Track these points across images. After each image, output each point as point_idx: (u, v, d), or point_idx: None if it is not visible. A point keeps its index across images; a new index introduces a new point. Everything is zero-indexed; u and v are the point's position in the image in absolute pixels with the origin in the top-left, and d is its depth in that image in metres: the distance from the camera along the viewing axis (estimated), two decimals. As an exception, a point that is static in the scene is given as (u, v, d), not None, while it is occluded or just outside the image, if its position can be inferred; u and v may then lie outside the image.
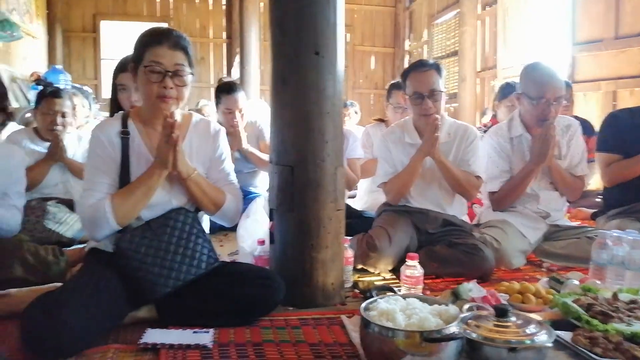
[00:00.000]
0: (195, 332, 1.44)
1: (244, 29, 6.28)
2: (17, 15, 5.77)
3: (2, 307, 1.58)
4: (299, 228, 1.74)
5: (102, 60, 7.43)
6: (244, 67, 6.23)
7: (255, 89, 6.16)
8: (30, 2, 6.41)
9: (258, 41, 6.47)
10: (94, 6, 7.40)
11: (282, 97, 1.76)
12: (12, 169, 1.98)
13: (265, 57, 7.21)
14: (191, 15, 7.71)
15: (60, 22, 7.12)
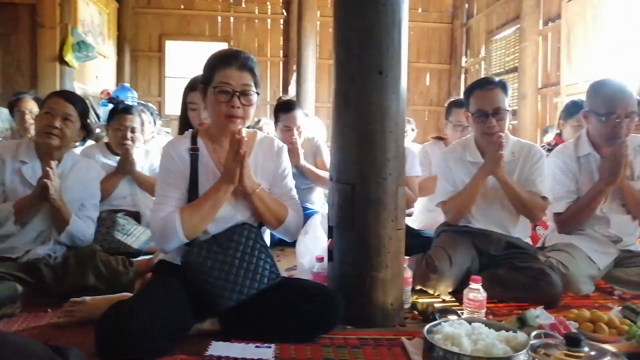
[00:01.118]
0: (258, 346, 1.46)
1: (302, 47, 6.41)
2: (91, 37, 6.19)
3: (78, 314, 1.68)
4: (358, 246, 1.74)
5: (166, 79, 7.79)
6: (301, 84, 6.35)
7: (311, 106, 6.25)
8: (103, 24, 6.85)
9: (314, 59, 6.58)
10: (160, 27, 7.80)
11: (344, 116, 1.78)
12: (89, 182, 2.11)
13: (320, 75, 7.36)
14: (250, 35, 7.96)
15: (129, 43, 7.55)
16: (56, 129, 1.93)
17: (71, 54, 5.43)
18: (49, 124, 1.93)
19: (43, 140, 1.95)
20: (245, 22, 7.98)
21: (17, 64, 5.51)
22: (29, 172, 1.95)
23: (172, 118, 7.64)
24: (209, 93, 1.66)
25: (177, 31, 7.83)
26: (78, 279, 1.90)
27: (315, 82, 6.88)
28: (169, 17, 7.82)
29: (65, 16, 5.50)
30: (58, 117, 1.94)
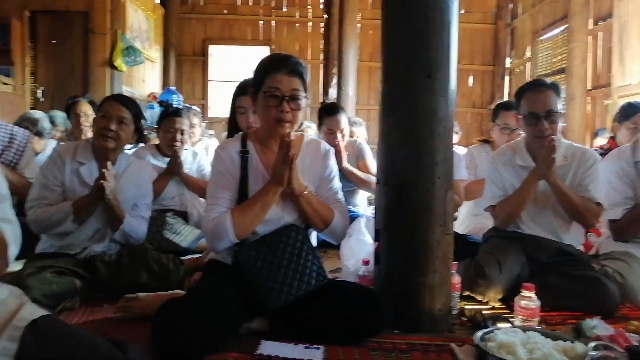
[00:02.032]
0: (307, 347, 1.48)
1: (343, 50, 6.43)
2: (139, 42, 6.40)
3: (133, 309, 1.74)
4: (406, 250, 1.73)
5: (209, 82, 7.97)
6: (341, 87, 6.37)
7: (351, 109, 6.25)
8: (150, 30, 7.07)
9: (355, 62, 6.58)
10: (204, 32, 7.99)
11: (391, 119, 1.78)
12: (142, 183, 2.18)
13: (360, 78, 7.35)
14: (291, 38, 8.03)
15: (174, 47, 7.77)
16: (112, 132, 2.01)
17: (120, 59, 5.64)
18: (105, 127, 2.01)
19: (99, 142, 2.03)
20: (286, 25, 8.06)
21: (70, 69, 5.77)
22: (86, 173, 2.04)
23: (215, 120, 7.80)
24: (259, 97, 1.69)
25: (220, 35, 7.99)
26: (131, 276, 1.97)
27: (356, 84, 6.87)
28: (212, 22, 7.99)
29: (115, 22, 5.72)
30: (113, 120, 2.02)
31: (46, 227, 1.95)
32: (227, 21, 7.99)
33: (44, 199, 1.97)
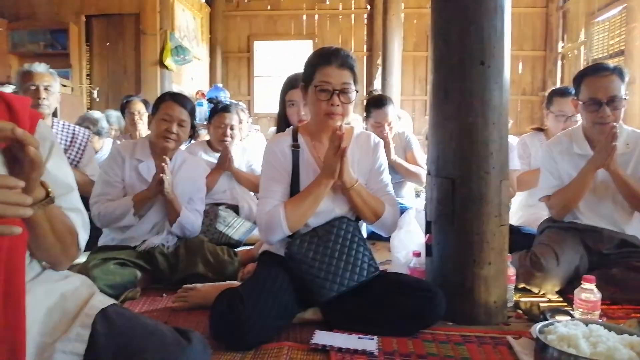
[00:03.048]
0: (361, 337, 1.49)
1: (387, 41, 6.35)
2: (187, 41, 6.57)
3: (191, 299, 1.80)
4: (459, 242, 1.70)
5: (254, 78, 8.08)
6: (386, 78, 6.30)
7: (396, 100, 6.18)
8: (197, 28, 7.24)
9: (399, 52, 6.49)
10: (249, 29, 8.10)
11: (443, 108, 1.75)
12: (196, 178, 2.25)
13: (405, 68, 7.24)
14: (334, 31, 8.01)
15: (220, 45, 7.92)
16: (173, 134, 2.09)
17: (170, 58, 5.81)
18: (167, 129, 2.09)
19: (161, 143, 2.11)
20: (329, 18, 8.04)
21: (123, 69, 6.00)
22: (144, 170, 2.13)
23: (261, 116, 7.92)
24: (309, 91, 1.70)
25: (265, 31, 8.07)
26: (188, 267, 2.04)
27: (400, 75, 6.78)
28: (256, 19, 8.09)
29: (164, 23, 5.89)
30: (175, 122, 2.10)
31: (109, 221, 2.06)
32: (270, 17, 8.07)
33: (107, 195, 2.07)
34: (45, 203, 0.96)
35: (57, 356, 1.02)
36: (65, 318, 1.08)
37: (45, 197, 0.96)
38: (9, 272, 0.96)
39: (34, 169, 0.87)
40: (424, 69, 7.82)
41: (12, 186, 0.80)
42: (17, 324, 0.97)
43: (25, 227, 0.96)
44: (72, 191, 1.16)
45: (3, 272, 0.95)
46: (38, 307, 1.06)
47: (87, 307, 1.10)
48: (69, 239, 1.11)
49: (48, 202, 0.97)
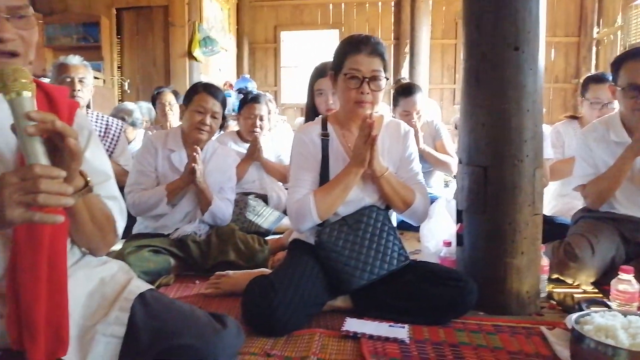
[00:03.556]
0: (391, 326, 1.49)
1: (415, 28, 6.27)
2: (214, 32, 6.62)
3: (223, 286, 1.84)
4: (491, 232, 1.68)
5: (281, 68, 8.10)
6: (414, 67, 6.22)
7: (424, 89, 6.10)
8: (224, 19, 7.29)
9: (428, 40, 6.39)
10: (275, 19, 8.11)
11: (475, 95, 1.72)
12: (227, 167, 2.29)
13: (433, 56, 7.13)
14: (361, 20, 7.95)
15: (247, 36, 7.96)
16: (207, 126, 2.12)
17: (198, 49, 5.87)
18: (201, 121, 2.12)
19: (195, 135, 2.15)
20: (356, 7, 7.98)
21: (153, 61, 6.10)
22: (176, 159, 2.17)
23: (288, 106, 7.95)
24: (339, 79, 1.69)
25: (291, 21, 8.07)
26: (220, 254, 2.08)
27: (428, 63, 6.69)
28: (283, 9, 8.09)
29: (193, 14, 5.95)
30: (208, 114, 2.13)
31: (143, 210, 2.11)
32: (297, 6, 8.05)
33: (140, 184, 2.12)
34: (84, 192, 0.98)
35: (98, 338, 1.05)
36: (105, 302, 1.11)
37: (84, 186, 0.99)
38: (52, 257, 1.00)
39: (73, 160, 0.89)
40: (453, 56, 7.70)
41: (54, 176, 0.83)
42: (61, 306, 1.01)
43: (66, 214, 0.99)
44: (109, 179, 1.19)
45: (46, 258, 0.98)
46: (79, 291, 1.09)
47: (125, 292, 1.13)
48: (107, 226, 1.14)
49: (87, 190, 0.99)
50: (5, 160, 0.98)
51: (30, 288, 0.96)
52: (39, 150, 0.84)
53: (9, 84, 0.84)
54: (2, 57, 0.94)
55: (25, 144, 0.84)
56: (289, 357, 1.33)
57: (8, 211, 0.81)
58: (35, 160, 0.84)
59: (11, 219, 0.81)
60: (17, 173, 0.82)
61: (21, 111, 0.84)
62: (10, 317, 0.96)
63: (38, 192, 0.81)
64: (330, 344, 1.41)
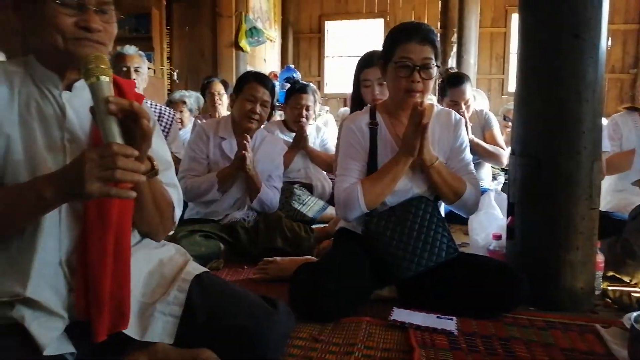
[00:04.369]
0: (439, 317, 1.48)
1: (463, 17, 6.10)
2: (260, 22, 6.69)
3: (271, 272, 1.88)
4: (545, 225, 1.63)
5: (325, 58, 8.09)
6: (462, 56, 6.07)
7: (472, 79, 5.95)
8: (270, 10, 7.34)
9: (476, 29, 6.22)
10: (320, 8, 8.10)
11: (531, 84, 1.67)
12: (275, 156, 2.32)
13: (481, 45, 6.93)
14: (407, 8, 7.83)
15: (292, 26, 8.00)
16: (257, 114, 2.17)
17: (245, 40, 5.95)
18: (251, 110, 2.17)
19: (245, 124, 2.20)
20: (402, -6, 7.87)
21: (201, 52, 6.23)
22: (227, 147, 2.22)
23: (331, 97, 7.95)
24: (389, 68, 1.68)
25: (336, 11, 8.04)
26: (267, 241, 2.12)
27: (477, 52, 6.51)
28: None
29: (240, 5, 6.02)
30: (258, 103, 2.17)
31: (195, 196, 2.18)
32: (342, -5, 8.02)
33: (193, 171, 2.19)
34: (151, 174, 1.04)
35: (157, 316, 1.10)
36: (164, 282, 1.16)
37: (151, 169, 1.04)
38: (118, 234, 1.05)
39: (144, 141, 0.95)
40: (502, 46, 7.47)
41: (129, 154, 0.89)
42: (124, 282, 1.06)
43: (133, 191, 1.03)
44: (170, 167, 1.24)
45: (113, 234, 1.04)
46: (139, 270, 1.14)
47: (183, 273, 1.18)
48: (167, 212, 1.19)
49: (153, 173, 1.04)
50: (80, 142, 1.05)
51: (98, 262, 1.02)
52: (116, 130, 0.90)
53: (92, 68, 0.91)
54: (88, 43, 1.01)
55: (103, 124, 0.90)
56: (336, 343, 1.35)
57: (88, 185, 0.87)
58: (113, 139, 0.90)
59: (90, 192, 0.88)
60: (97, 150, 0.88)
61: (101, 94, 0.91)
62: (78, 290, 1.02)
63: (115, 168, 0.87)
64: (377, 333, 1.41)
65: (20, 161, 1.00)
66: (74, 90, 1.07)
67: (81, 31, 1.00)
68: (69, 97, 1.06)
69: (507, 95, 7.33)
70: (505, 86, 7.46)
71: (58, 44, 1.00)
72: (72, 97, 1.07)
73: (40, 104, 1.04)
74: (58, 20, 0.98)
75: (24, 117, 1.02)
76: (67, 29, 0.99)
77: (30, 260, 0.99)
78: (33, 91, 1.05)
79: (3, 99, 1.02)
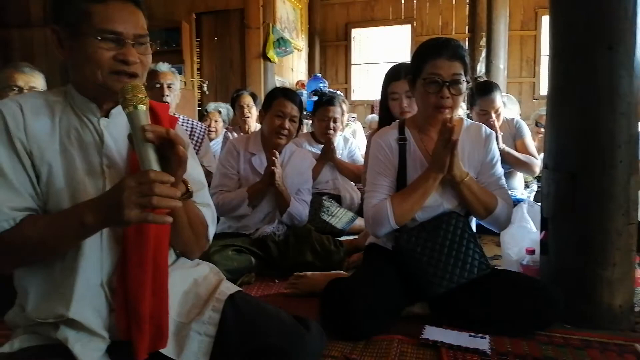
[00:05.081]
0: (472, 336, 1.47)
1: (492, 20, 6.02)
2: (287, 32, 6.75)
3: (302, 286, 1.90)
4: (580, 241, 1.60)
5: (352, 65, 8.10)
6: (491, 61, 5.99)
7: (502, 84, 5.87)
8: (296, 19, 7.41)
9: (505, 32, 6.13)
10: (346, 16, 8.12)
11: (563, 96, 1.64)
12: (303, 170, 2.35)
13: (511, 49, 6.82)
14: (433, 13, 7.77)
15: (319, 34, 8.04)
16: (286, 130, 2.20)
17: (272, 50, 6.02)
18: (280, 126, 2.21)
19: (274, 139, 2.24)
20: (428, 1, 7.79)
21: (230, 63, 6.34)
22: (257, 162, 2.26)
23: (358, 103, 7.95)
24: (417, 84, 1.68)
25: (362, 18, 8.04)
26: (297, 255, 2.15)
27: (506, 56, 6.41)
28: (354, 5, 8.08)
29: (267, 16, 6.10)
30: (287, 118, 2.21)
31: (227, 211, 2.22)
32: (368, 3, 8.01)
33: (224, 186, 2.24)
34: (186, 197, 1.07)
35: (193, 336, 1.13)
36: (199, 301, 1.19)
37: (186, 192, 1.07)
38: (156, 255, 1.09)
39: (180, 166, 0.98)
40: (532, 48, 7.32)
41: (165, 181, 0.92)
42: (162, 302, 1.10)
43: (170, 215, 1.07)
44: (203, 188, 1.27)
45: (151, 256, 1.08)
46: (175, 290, 1.17)
47: (217, 293, 1.20)
48: (201, 231, 1.22)
49: (188, 196, 1.08)
50: (118, 167, 1.09)
51: (138, 283, 1.06)
52: (152, 157, 0.94)
53: (129, 98, 0.95)
54: (125, 77, 1.05)
55: (141, 151, 0.94)
56: (368, 361, 1.35)
57: (126, 211, 0.90)
58: (149, 166, 0.93)
59: (129, 218, 0.91)
60: (135, 178, 0.92)
61: (138, 123, 0.94)
62: (119, 310, 1.06)
63: (152, 195, 0.90)
64: (409, 351, 1.41)
65: (62, 188, 1.05)
66: (111, 117, 1.12)
67: (119, 64, 1.05)
68: (107, 123, 1.11)
69: (539, 98, 7.17)
70: (537, 89, 7.30)
71: (97, 77, 1.05)
72: (109, 124, 1.11)
73: (79, 132, 1.09)
74: (98, 56, 1.03)
75: (64, 146, 1.07)
76: (106, 63, 1.04)
77: (72, 282, 1.04)
78: (73, 120, 1.10)
79: (45, 130, 1.07)
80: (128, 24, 1.05)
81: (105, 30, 1.03)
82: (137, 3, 1.09)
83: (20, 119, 1.05)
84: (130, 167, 1.08)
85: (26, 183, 1.03)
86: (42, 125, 1.07)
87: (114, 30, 1.03)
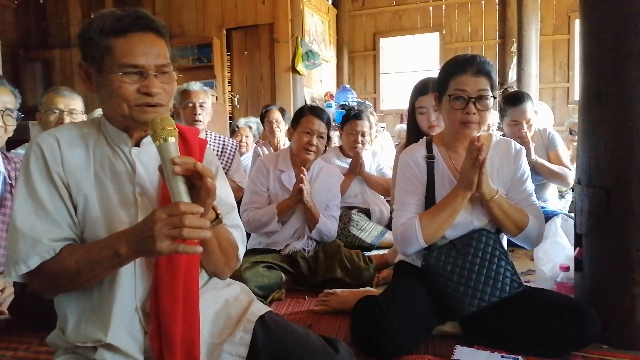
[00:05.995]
0: (504, 357, 1.45)
1: (523, 26, 5.90)
2: (316, 45, 6.82)
3: (332, 304, 1.91)
4: (616, 259, 1.56)
5: (380, 75, 8.10)
6: (522, 67, 5.86)
7: (534, 90, 5.74)
8: (325, 31, 7.47)
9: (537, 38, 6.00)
10: (374, 26, 8.13)
11: (595, 112, 1.61)
12: (331, 186, 2.37)
13: (543, 54, 6.68)
14: (463, 21, 7.70)
15: (347, 45, 8.08)
16: (314, 147, 2.23)
17: (301, 64, 6.09)
18: (308, 142, 2.24)
19: (303, 156, 2.27)
20: (457, 7, 7.73)
21: (260, 77, 6.44)
22: (286, 179, 2.30)
23: (387, 113, 7.93)
24: (443, 100, 1.68)
25: (390, 27, 8.04)
26: (327, 271, 2.16)
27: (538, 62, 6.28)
28: (381, 15, 8.08)
29: (296, 30, 6.18)
30: (315, 135, 2.24)
31: (257, 227, 2.26)
32: (396, 12, 8.01)
33: (254, 203, 2.28)
34: (215, 223, 1.10)
35: (225, 357, 1.16)
36: (230, 322, 1.22)
37: (215, 218, 1.10)
38: (187, 280, 1.12)
39: (209, 196, 1.01)
40: (566, 53, 7.15)
41: (195, 212, 0.95)
42: (194, 325, 1.13)
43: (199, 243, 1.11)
44: (233, 210, 1.30)
45: (182, 281, 1.11)
46: (207, 311, 1.21)
47: (248, 313, 1.23)
48: (231, 253, 1.25)
49: (218, 222, 1.11)
50: (150, 194, 1.14)
51: (170, 307, 1.09)
52: (182, 189, 0.97)
53: (158, 131, 0.98)
54: (150, 108, 1.09)
55: (170, 183, 0.98)
56: (398, 382, 1.35)
57: (158, 243, 0.94)
58: (179, 198, 0.96)
59: (160, 250, 0.95)
60: (165, 210, 0.95)
61: (168, 155, 0.98)
62: (152, 334, 1.10)
63: (183, 227, 0.93)
64: (439, 372, 1.40)
65: (98, 217, 1.10)
66: (142, 146, 1.16)
67: (143, 96, 1.09)
68: (138, 152, 1.15)
69: (573, 104, 6.99)
70: (571, 94, 7.12)
71: (123, 110, 1.09)
72: (140, 153, 1.15)
73: (112, 162, 1.14)
74: (122, 91, 1.08)
75: (99, 176, 1.12)
76: (131, 96, 1.08)
77: (110, 308, 1.08)
78: (106, 150, 1.15)
79: (81, 161, 1.12)
80: (149, 56, 1.08)
81: (126, 64, 1.07)
82: (158, 31, 1.12)
83: (57, 153, 1.10)
84: (162, 195, 1.12)
85: (64, 214, 1.09)
86: (78, 157, 1.12)
87: (135, 64, 1.07)
